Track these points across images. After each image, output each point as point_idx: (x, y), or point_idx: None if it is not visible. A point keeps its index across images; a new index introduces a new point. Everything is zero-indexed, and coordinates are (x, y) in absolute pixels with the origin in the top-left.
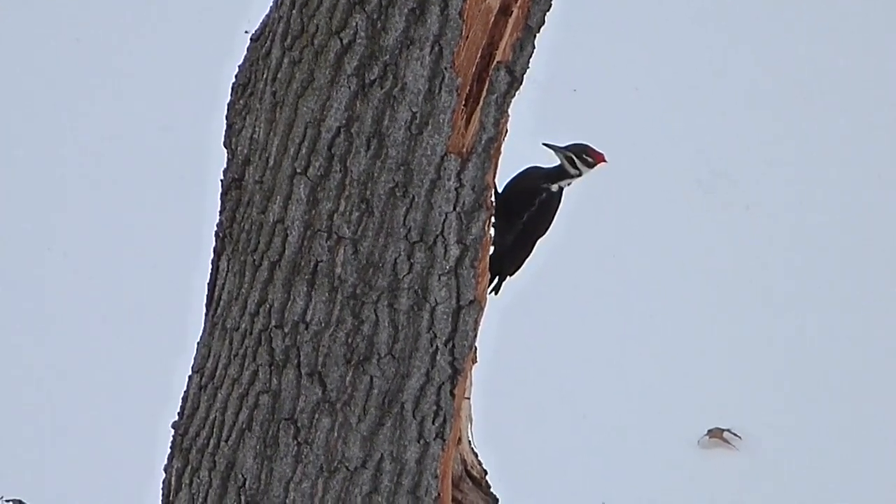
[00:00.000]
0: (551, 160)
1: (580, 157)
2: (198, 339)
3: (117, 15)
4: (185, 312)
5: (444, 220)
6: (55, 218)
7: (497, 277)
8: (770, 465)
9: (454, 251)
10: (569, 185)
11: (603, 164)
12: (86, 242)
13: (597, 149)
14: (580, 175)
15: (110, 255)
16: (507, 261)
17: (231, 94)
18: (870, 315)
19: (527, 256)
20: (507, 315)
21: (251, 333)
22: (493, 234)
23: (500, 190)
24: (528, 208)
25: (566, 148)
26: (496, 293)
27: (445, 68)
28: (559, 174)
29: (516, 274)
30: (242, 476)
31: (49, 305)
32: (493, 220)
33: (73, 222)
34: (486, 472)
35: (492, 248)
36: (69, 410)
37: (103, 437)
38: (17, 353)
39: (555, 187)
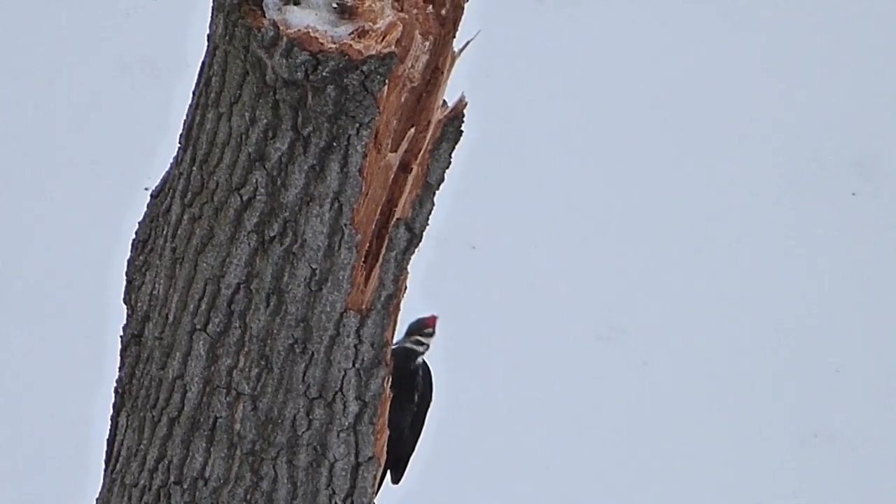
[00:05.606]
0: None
1: (422, 333)
2: (97, 496)
3: (18, 168)
4: (84, 470)
5: (344, 377)
6: None
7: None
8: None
9: (353, 408)
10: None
11: (435, 324)
12: None
13: (426, 316)
14: (429, 347)
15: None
16: (409, 444)
17: (131, 251)
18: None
19: (420, 433)
20: None
21: (150, 489)
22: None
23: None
24: (414, 389)
25: (406, 336)
26: (397, 482)
27: (345, 225)
28: (415, 351)
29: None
30: None
31: None
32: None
33: None
34: None
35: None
36: None
37: None
38: None
39: (420, 360)
